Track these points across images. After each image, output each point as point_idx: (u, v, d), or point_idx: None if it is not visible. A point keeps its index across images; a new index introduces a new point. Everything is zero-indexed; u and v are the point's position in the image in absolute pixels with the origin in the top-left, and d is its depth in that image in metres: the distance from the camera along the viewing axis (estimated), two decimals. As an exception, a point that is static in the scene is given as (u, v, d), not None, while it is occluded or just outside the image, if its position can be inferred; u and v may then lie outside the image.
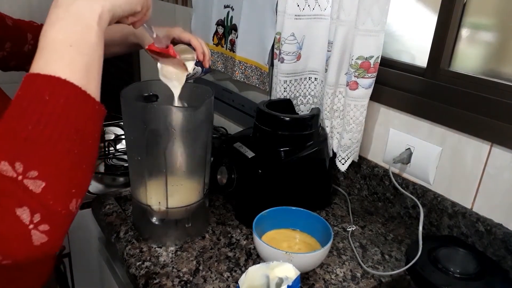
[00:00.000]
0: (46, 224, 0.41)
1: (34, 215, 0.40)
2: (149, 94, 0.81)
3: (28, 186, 0.40)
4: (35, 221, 0.40)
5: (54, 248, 0.44)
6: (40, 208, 0.41)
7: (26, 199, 0.40)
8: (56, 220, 0.42)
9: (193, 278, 0.73)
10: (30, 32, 0.83)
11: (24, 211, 0.40)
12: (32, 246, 0.41)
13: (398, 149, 0.93)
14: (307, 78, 1.08)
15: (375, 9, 0.82)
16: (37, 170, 0.40)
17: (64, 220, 0.43)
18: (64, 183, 0.42)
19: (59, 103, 0.42)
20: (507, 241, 0.75)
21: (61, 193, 0.42)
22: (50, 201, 0.41)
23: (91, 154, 0.46)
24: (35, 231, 0.41)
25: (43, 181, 0.40)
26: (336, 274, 0.76)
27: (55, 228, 0.42)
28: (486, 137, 0.77)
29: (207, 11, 1.37)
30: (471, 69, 0.86)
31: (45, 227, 0.41)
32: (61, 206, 0.42)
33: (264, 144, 0.91)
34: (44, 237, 0.41)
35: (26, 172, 0.40)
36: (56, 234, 0.43)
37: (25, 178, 0.40)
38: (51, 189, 0.41)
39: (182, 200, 0.79)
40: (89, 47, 0.45)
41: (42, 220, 0.41)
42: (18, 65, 0.83)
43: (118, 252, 0.81)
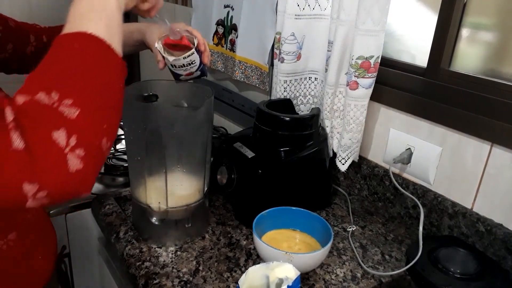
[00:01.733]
0: (81, 148, 0.43)
1: (70, 138, 0.42)
2: (149, 94, 0.81)
3: (63, 112, 0.42)
4: (71, 144, 0.42)
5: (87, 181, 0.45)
6: (76, 131, 0.43)
7: (62, 122, 0.42)
8: (90, 148, 0.44)
9: (193, 278, 0.72)
10: (32, 34, 0.84)
11: (60, 134, 0.42)
12: (68, 171, 0.42)
13: (398, 149, 0.93)
14: (307, 78, 1.08)
15: (375, 9, 0.82)
16: (72, 98, 0.43)
17: (96, 151, 0.45)
18: (96, 115, 0.45)
19: (88, 48, 0.46)
20: (507, 241, 0.75)
21: (94, 123, 0.45)
22: (84, 127, 0.43)
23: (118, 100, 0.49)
24: (71, 155, 0.42)
25: (77, 108, 0.43)
26: (336, 274, 0.76)
27: (89, 156, 0.44)
28: (486, 137, 0.77)
29: (207, 11, 1.37)
30: (471, 69, 0.86)
31: (80, 152, 0.43)
32: (94, 136, 0.45)
33: (264, 144, 0.91)
34: (79, 163, 0.43)
35: (62, 100, 0.42)
36: (91, 164, 0.44)
37: (61, 105, 0.42)
38: (84, 116, 0.43)
39: (182, 200, 0.79)
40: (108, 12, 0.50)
41: (77, 144, 0.43)
42: (20, 68, 0.84)
43: (118, 252, 0.81)
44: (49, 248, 0.74)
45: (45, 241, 0.74)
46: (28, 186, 0.41)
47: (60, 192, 0.43)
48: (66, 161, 0.42)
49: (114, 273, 0.97)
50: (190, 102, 0.83)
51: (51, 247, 0.75)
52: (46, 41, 0.85)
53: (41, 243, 0.72)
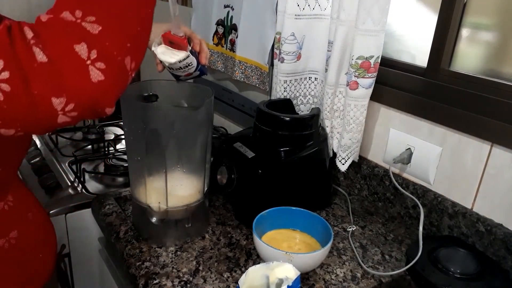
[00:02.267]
0: (102, 62, 0.44)
1: (91, 51, 0.43)
2: (149, 94, 0.81)
3: (86, 27, 0.44)
4: (92, 57, 0.43)
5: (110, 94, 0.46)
6: (97, 45, 0.44)
7: (83, 36, 0.43)
8: (112, 62, 0.45)
9: (193, 278, 0.72)
10: None
11: (82, 46, 0.43)
12: (91, 82, 0.44)
13: (398, 149, 0.93)
14: (307, 78, 1.08)
15: (375, 9, 0.82)
16: (95, 16, 0.44)
17: (119, 66, 0.46)
18: (120, 33, 0.46)
19: None
20: (507, 241, 0.75)
21: (116, 40, 0.45)
22: (106, 42, 0.44)
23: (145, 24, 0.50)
24: (92, 67, 0.44)
25: (100, 25, 0.44)
26: (336, 275, 0.76)
27: (111, 69, 0.45)
28: (486, 137, 0.77)
29: (207, 11, 1.37)
30: (471, 69, 0.86)
31: (101, 65, 0.44)
32: (117, 51, 0.45)
33: (264, 144, 0.91)
34: (100, 74, 0.44)
35: (85, 17, 0.44)
36: (112, 76, 0.45)
37: (84, 22, 0.44)
38: (107, 33, 0.45)
39: (182, 200, 0.79)
40: None
41: (98, 57, 0.44)
42: None
43: (118, 252, 0.81)
44: (49, 247, 0.74)
45: (46, 240, 0.74)
46: (56, 100, 0.43)
47: (86, 104, 0.45)
48: (88, 72, 0.44)
49: (114, 273, 0.97)
50: (190, 102, 0.83)
51: (51, 246, 0.75)
52: None
53: (41, 242, 0.72)
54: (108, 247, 1.01)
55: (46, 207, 1.00)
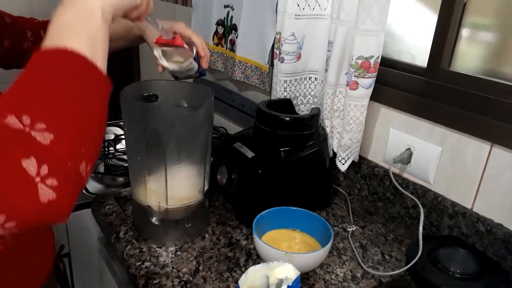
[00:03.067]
0: (54, 178, 0.39)
1: (41, 167, 0.39)
2: (149, 94, 0.81)
3: (35, 137, 0.39)
4: (42, 173, 0.39)
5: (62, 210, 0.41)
6: (48, 159, 0.39)
7: (33, 149, 0.39)
8: (66, 176, 0.41)
9: (193, 278, 0.72)
10: (29, 29, 0.83)
11: (31, 161, 0.38)
12: (39, 202, 0.39)
13: (398, 149, 0.93)
14: (307, 78, 1.08)
15: (375, 9, 0.82)
16: (45, 123, 0.39)
17: (73, 178, 0.42)
18: (73, 139, 0.42)
19: (67, 67, 0.43)
20: (507, 241, 0.75)
21: (70, 148, 0.41)
22: (59, 154, 0.40)
23: (100, 120, 0.46)
24: (42, 185, 0.39)
25: (51, 133, 0.40)
26: (336, 274, 0.76)
27: (64, 185, 0.40)
28: (486, 137, 0.77)
29: (207, 11, 1.37)
30: (471, 69, 0.86)
31: (53, 181, 0.39)
32: (71, 161, 0.41)
33: (264, 144, 0.91)
34: (52, 193, 0.39)
35: (34, 124, 0.39)
36: (66, 193, 0.41)
37: (33, 130, 0.39)
38: (60, 142, 0.40)
39: (182, 200, 0.79)
40: (94, 28, 0.48)
41: (50, 173, 0.39)
42: (19, 63, 0.83)
43: (118, 252, 0.81)
44: (47, 248, 0.74)
45: (43, 241, 0.73)
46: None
47: (30, 222, 0.40)
48: (37, 191, 0.39)
49: (114, 273, 0.97)
50: (190, 102, 0.83)
51: (49, 247, 0.75)
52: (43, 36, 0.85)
53: (38, 243, 0.72)
54: (108, 247, 1.01)
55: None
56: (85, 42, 0.45)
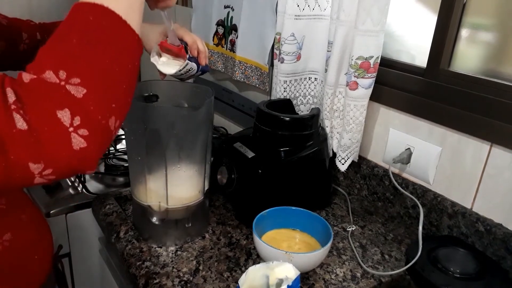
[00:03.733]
0: (85, 128, 0.43)
1: (74, 118, 0.42)
2: (149, 94, 0.81)
3: (70, 91, 0.42)
4: (75, 124, 0.42)
5: (92, 158, 0.45)
6: (81, 111, 0.42)
7: (67, 102, 0.42)
8: (96, 128, 0.44)
9: (193, 278, 0.73)
10: (25, 31, 0.83)
11: (65, 113, 0.41)
12: (72, 149, 0.42)
13: (398, 149, 0.93)
14: (307, 78, 1.08)
15: (375, 9, 0.82)
16: (79, 78, 0.42)
17: (103, 130, 0.45)
18: (105, 94, 0.44)
19: (102, 25, 0.45)
20: (507, 241, 0.75)
21: (101, 103, 0.44)
22: (90, 107, 0.43)
23: (130, 77, 0.48)
24: (74, 134, 0.42)
25: (84, 87, 0.42)
26: (336, 274, 0.76)
27: (94, 136, 0.44)
28: (486, 137, 0.77)
29: (207, 11, 1.37)
30: (471, 69, 0.86)
31: (84, 131, 0.43)
32: (101, 115, 0.44)
33: (264, 144, 0.91)
34: (83, 142, 0.43)
35: (69, 79, 0.42)
36: (95, 143, 0.44)
37: (68, 84, 0.42)
38: (92, 96, 0.43)
39: (182, 200, 0.79)
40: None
41: (81, 124, 0.42)
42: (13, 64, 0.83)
43: (118, 252, 0.81)
44: (45, 248, 0.74)
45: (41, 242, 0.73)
46: (34, 166, 0.42)
47: (65, 169, 0.44)
48: (70, 139, 0.42)
49: (114, 273, 0.97)
50: (190, 102, 0.83)
51: (47, 247, 0.75)
52: (40, 38, 0.85)
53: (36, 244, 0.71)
54: (108, 247, 1.01)
55: (46, 207, 1.00)
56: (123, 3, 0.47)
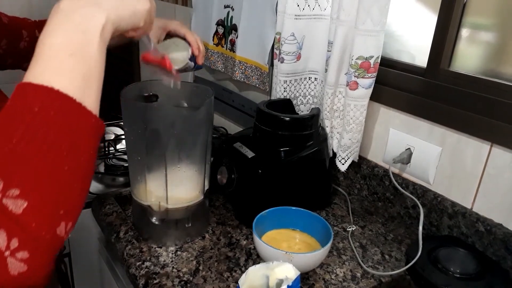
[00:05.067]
0: (25, 250, 0.36)
1: (11, 240, 0.35)
2: (149, 94, 0.81)
3: (7, 206, 0.35)
4: (12, 247, 0.35)
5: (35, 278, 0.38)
6: (19, 231, 0.36)
7: (3, 221, 0.35)
8: (38, 246, 0.37)
9: (193, 278, 0.73)
10: (24, 29, 0.83)
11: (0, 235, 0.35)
12: (9, 275, 0.36)
13: (398, 149, 0.93)
14: (307, 78, 1.08)
15: (375, 9, 0.82)
16: (19, 188, 0.36)
17: (48, 246, 0.38)
18: (51, 203, 0.38)
19: (49, 115, 0.38)
20: (507, 241, 0.75)
21: (46, 215, 0.37)
22: (32, 224, 0.36)
23: (85, 172, 0.42)
24: (11, 259, 0.35)
25: (25, 200, 0.36)
26: (336, 274, 0.76)
27: (36, 256, 0.37)
28: (486, 137, 0.77)
29: (207, 11, 1.37)
30: (471, 69, 0.86)
31: (24, 254, 0.36)
32: (45, 230, 0.37)
33: (264, 144, 0.91)
34: (22, 266, 0.36)
35: (6, 190, 0.35)
36: (37, 263, 0.37)
37: (4, 197, 0.35)
38: (34, 210, 0.36)
39: (182, 200, 0.79)
40: (89, 58, 0.42)
41: (20, 246, 0.36)
42: (14, 63, 0.84)
43: (118, 252, 0.81)
44: None
45: None
46: None
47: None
48: (6, 265, 0.35)
49: (114, 273, 0.97)
50: (190, 102, 0.83)
51: None
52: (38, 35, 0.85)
53: None
54: (108, 247, 1.01)
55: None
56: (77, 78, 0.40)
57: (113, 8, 0.45)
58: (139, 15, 0.50)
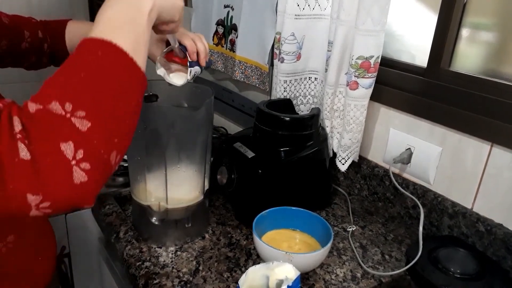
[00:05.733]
0: (87, 162, 0.43)
1: (77, 151, 0.42)
2: (149, 94, 0.81)
3: (75, 123, 0.42)
4: (78, 157, 0.42)
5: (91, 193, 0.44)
6: (84, 144, 0.42)
7: (71, 134, 0.42)
8: (98, 162, 0.44)
9: (193, 278, 0.72)
10: (27, 29, 0.83)
11: (68, 145, 0.41)
12: (73, 183, 0.42)
13: (398, 149, 0.93)
14: (307, 78, 1.08)
15: (375, 9, 0.82)
16: (85, 111, 0.43)
17: (104, 165, 0.45)
18: (108, 128, 0.45)
19: (109, 60, 0.46)
20: (507, 241, 0.75)
21: (104, 137, 0.44)
22: (94, 141, 0.43)
23: (134, 113, 0.49)
24: (76, 168, 0.42)
25: (89, 121, 0.43)
26: (336, 274, 0.76)
27: (96, 170, 0.44)
28: (486, 137, 0.77)
29: (207, 11, 1.37)
30: (471, 69, 0.86)
31: (86, 165, 0.43)
32: (104, 149, 0.44)
33: (264, 144, 0.91)
34: (84, 176, 0.43)
35: (75, 111, 0.42)
36: (96, 177, 0.44)
37: (73, 117, 0.42)
38: (96, 130, 0.43)
39: (182, 200, 0.79)
40: (140, 28, 0.51)
41: (84, 157, 0.42)
42: (14, 62, 0.83)
43: (118, 252, 0.81)
44: (48, 249, 0.74)
45: (44, 243, 0.73)
46: (32, 197, 0.41)
47: (63, 204, 0.43)
48: (72, 173, 0.42)
49: (114, 273, 0.97)
50: (190, 102, 0.83)
51: (51, 248, 0.75)
52: (41, 36, 0.84)
53: (40, 245, 0.72)
54: (108, 247, 1.01)
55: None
56: (130, 40, 0.48)
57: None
58: (176, 9, 0.59)
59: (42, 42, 0.83)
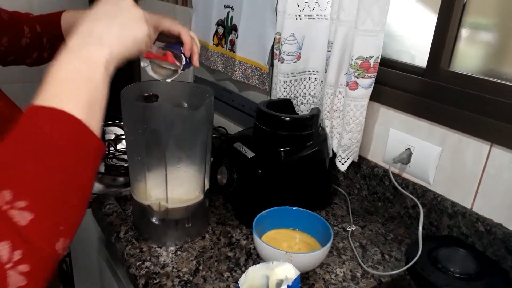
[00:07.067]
0: (27, 264, 0.36)
1: (14, 252, 0.35)
2: (149, 94, 0.81)
3: (13, 217, 0.36)
4: (14, 259, 0.35)
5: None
6: (23, 243, 0.36)
7: (8, 231, 0.35)
8: (39, 260, 0.37)
9: (193, 278, 0.73)
10: (26, 25, 0.83)
11: (3, 247, 0.35)
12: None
13: (398, 149, 0.93)
14: (307, 78, 1.08)
15: (375, 9, 0.82)
16: (27, 200, 0.37)
17: (47, 261, 0.39)
18: (54, 217, 0.39)
19: (58, 135, 0.40)
20: (507, 241, 0.75)
21: (49, 229, 0.38)
22: (35, 236, 0.37)
23: (86, 190, 0.43)
24: (12, 272, 0.35)
25: (31, 212, 0.36)
26: (336, 274, 0.76)
27: (37, 270, 0.37)
28: (486, 137, 0.77)
29: (207, 11, 1.37)
30: (471, 69, 0.86)
31: (25, 267, 0.36)
32: (47, 244, 0.38)
33: (264, 144, 0.91)
34: (22, 280, 0.36)
35: (14, 202, 0.36)
36: (36, 277, 0.37)
37: (12, 208, 0.36)
38: (38, 222, 0.37)
39: (182, 200, 0.79)
40: (94, 88, 0.45)
41: (23, 258, 0.36)
42: (16, 59, 0.83)
43: (118, 252, 0.81)
44: None
45: None
46: None
47: None
48: (6, 278, 0.35)
49: (114, 273, 0.97)
50: (190, 102, 0.83)
51: None
52: (40, 31, 0.84)
53: None
54: (108, 247, 1.01)
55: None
56: (83, 101, 0.43)
57: (114, 42, 0.49)
58: (140, 41, 0.54)
59: (41, 37, 0.83)
